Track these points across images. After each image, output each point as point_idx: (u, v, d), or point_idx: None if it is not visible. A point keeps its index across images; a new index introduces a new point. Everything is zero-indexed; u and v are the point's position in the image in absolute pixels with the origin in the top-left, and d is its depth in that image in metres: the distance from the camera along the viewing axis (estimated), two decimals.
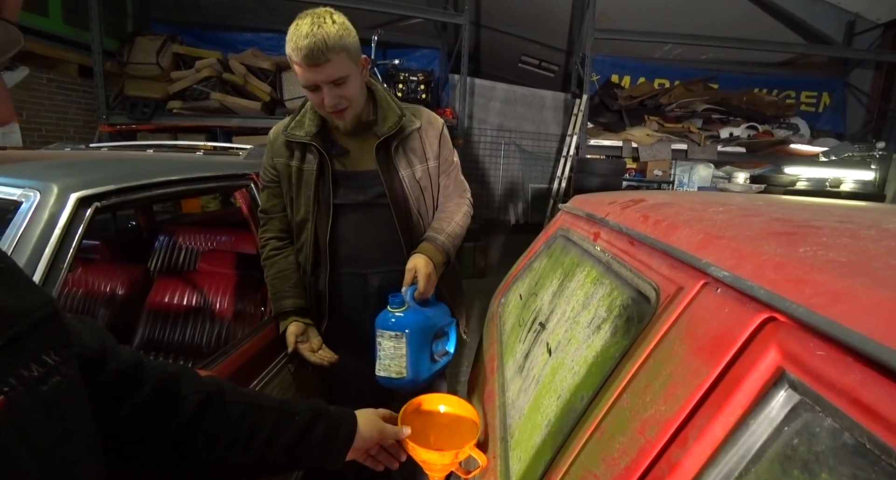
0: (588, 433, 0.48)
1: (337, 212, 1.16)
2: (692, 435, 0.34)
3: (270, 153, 1.20)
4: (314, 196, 1.14)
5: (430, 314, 1.05)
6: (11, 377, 0.33)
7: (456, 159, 1.28)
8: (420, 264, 1.06)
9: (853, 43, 4.99)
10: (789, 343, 0.31)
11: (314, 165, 1.13)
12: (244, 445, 0.58)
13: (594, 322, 0.66)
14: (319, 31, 0.96)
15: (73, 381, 0.38)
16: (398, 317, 0.99)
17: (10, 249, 0.82)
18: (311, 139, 1.11)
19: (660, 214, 0.64)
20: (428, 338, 1.03)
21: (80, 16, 4.00)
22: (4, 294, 0.35)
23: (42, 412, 0.34)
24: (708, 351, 0.37)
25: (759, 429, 0.31)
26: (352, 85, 1.05)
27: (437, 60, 5.37)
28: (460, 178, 1.29)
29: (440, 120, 1.24)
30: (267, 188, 1.23)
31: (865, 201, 1.02)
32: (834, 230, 0.41)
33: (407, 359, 0.98)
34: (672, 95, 4.95)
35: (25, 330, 0.35)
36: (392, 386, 1.02)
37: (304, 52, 0.96)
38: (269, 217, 1.24)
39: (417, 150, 1.18)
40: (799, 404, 0.29)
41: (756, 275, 0.37)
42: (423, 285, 1.04)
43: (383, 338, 0.99)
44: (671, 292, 0.49)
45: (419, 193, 1.19)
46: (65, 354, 0.38)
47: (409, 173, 1.16)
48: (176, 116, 4.10)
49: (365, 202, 1.17)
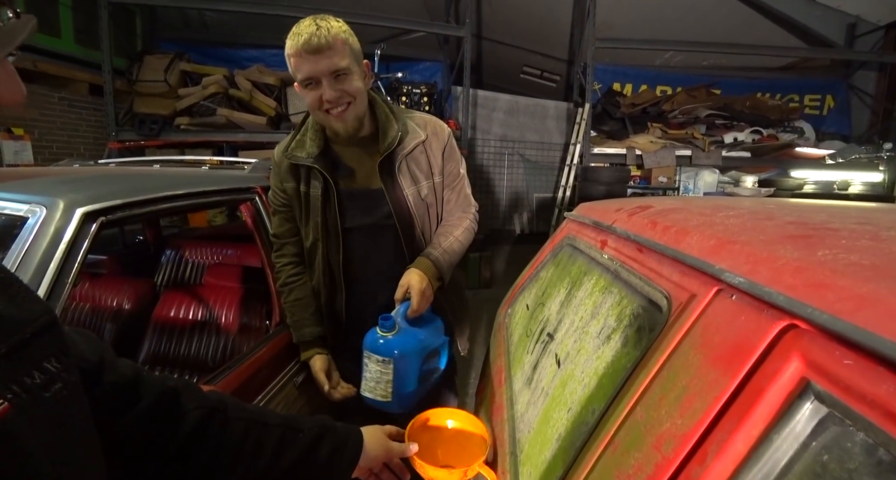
0: (601, 448, 0.46)
1: (346, 236, 1.12)
2: (712, 451, 0.33)
3: (279, 177, 1.15)
4: (322, 222, 1.10)
5: (422, 337, 0.99)
6: (14, 383, 0.33)
7: (462, 171, 1.21)
8: (414, 280, 1.01)
9: (855, 45, 4.99)
10: (813, 352, 0.29)
11: (319, 189, 1.08)
12: (248, 462, 0.57)
13: (604, 332, 0.64)
14: (321, 23, 0.94)
15: (75, 388, 0.39)
16: (387, 340, 0.93)
17: (15, 263, 0.82)
18: (314, 162, 1.07)
19: (668, 219, 0.62)
20: (417, 362, 0.97)
21: (90, 36, 4.12)
22: (5, 303, 0.36)
23: (45, 418, 0.35)
24: (725, 361, 0.36)
25: (785, 444, 0.29)
26: (353, 80, 0.99)
27: (439, 73, 5.44)
28: (466, 192, 1.22)
29: (447, 129, 1.18)
30: (278, 213, 1.19)
31: (877, 203, 1.00)
32: (853, 232, 0.40)
33: (392, 384, 0.93)
34: (675, 101, 4.96)
35: (28, 338, 0.36)
36: (375, 406, 0.97)
37: (304, 38, 0.92)
38: (282, 242, 1.21)
39: (423, 165, 1.13)
40: (827, 417, 0.28)
41: (773, 280, 0.35)
42: (416, 302, 0.99)
43: (370, 360, 0.94)
44: (683, 300, 0.47)
45: (424, 210, 1.14)
46: (66, 361, 0.38)
47: (413, 192, 1.12)
48: (183, 131, 4.17)
49: (372, 224, 1.13)
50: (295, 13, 4.04)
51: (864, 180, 4.60)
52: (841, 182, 4.60)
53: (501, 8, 5.21)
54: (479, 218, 1.24)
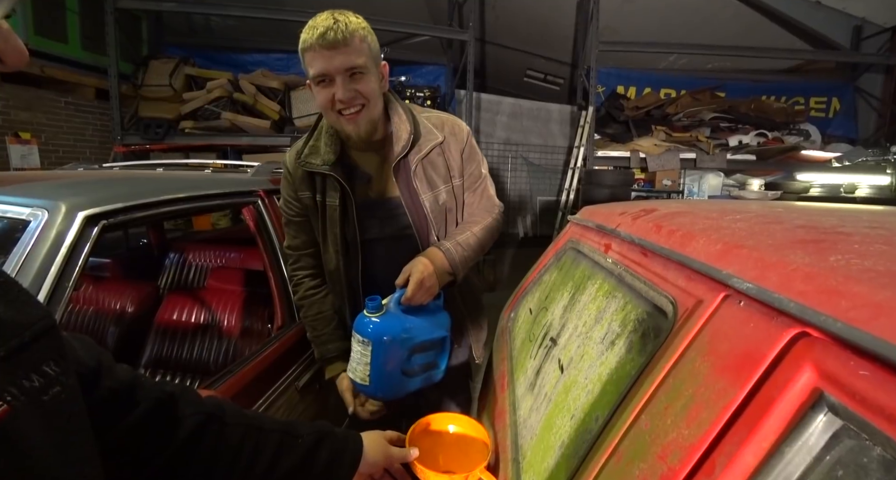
0: (604, 457, 0.45)
1: (365, 248, 1.07)
2: (720, 463, 0.31)
3: (293, 187, 1.09)
4: (340, 235, 1.05)
5: (409, 325, 0.94)
6: (13, 387, 0.34)
7: (484, 171, 1.15)
8: (417, 267, 0.94)
9: (861, 47, 4.95)
10: (826, 362, 0.28)
11: (336, 199, 1.03)
12: (245, 468, 0.56)
13: (608, 338, 0.63)
14: (340, 17, 0.89)
15: (73, 391, 0.39)
16: (369, 321, 0.90)
17: (16, 267, 0.82)
18: (331, 170, 1.00)
19: (674, 223, 0.61)
20: (400, 350, 0.93)
21: (97, 42, 4.16)
22: (4, 307, 0.36)
23: (43, 421, 0.35)
24: (734, 370, 0.35)
25: (797, 458, 0.28)
26: (369, 81, 0.94)
27: (442, 76, 5.45)
28: (489, 193, 1.16)
29: (465, 128, 1.12)
30: (292, 223, 1.13)
31: (886, 206, 0.99)
32: (866, 237, 0.39)
33: (370, 368, 0.91)
34: (679, 104, 4.94)
35: (26, 342, 0.36)
36: (361, 391, 0.96)
37: (320, 31, 0.87)
38: (299, 254, 1.16)
39: (440, 169, 1.07)
40: (841, 430, 0.26)
41: (784, 286, 0.34)
42: (410, 289, 0.92)
43: (354, 340, 0.92)
44: (689, 306, 0.46)
45: (442, 218, 1.09)
46: (64, 365, 0.38)
47: (431, 198, 1.06)
48: (188, 135, 4.20)
49: (391, 236, 1.08)
50: (299, 18, 4.07)
51: (872, 183, 4.55)
52: (848, 185, 4.55)
53: (505, 12, 5.23)
54: (501, 219, 1.16)
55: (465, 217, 1.14)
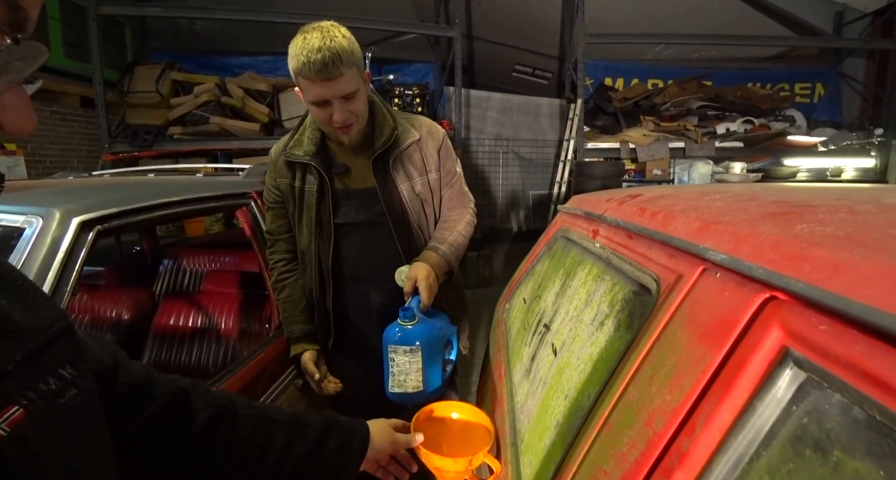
0: (596, 430, 0.47)
1: (338, 233, 1.14)
2: (700, 423, 0.33)
3: (274, 174, 1.18)
4: (315, 218, 1.12)
5: (439, 325, 1.02)
6: (30, 390, 0.34)
7: (458, 170, 1.25)
8: (421, 274, 1.02)
9: (843, 33, 5.02)
10: (791, 321, 0.30)
11: (314, 186, 1.11)
12: (257, 458, 0.58)
13: (597, 319, 0.65)
14: (332, 45, 0.93)
15: (90, 394, 0.39)
16: (410, 330, 0.95)
17: None
18: (311, 159, 1.09)
19: (656, 205, 0.63)
20: (439, 349, 1.00)
21: (80, 49, 4.12)
22: (21, 310, 0.36)
23: (60, 424, 0.35)
24: (711, 337, 0.37)
25: (767, 411, 0.30)
26: (360, 99, 1.03)
27: (431, 74, 5.45)
28: (464, 189, 1.26)
29: (441, 130, 1.22)
30: (271, 209, 1.22)
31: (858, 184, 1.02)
32: (831, 208, 0.41)
33: (423, 372, 0.95)
34: (666, 94, 4.98)
35: (42, 345, 0.36)
36: (405, 402, 0.98)
37: (319, 67, 0.92)
38: (275, 239, 1.23)
39: (417, 162, 1.15)
40: (806, 382, 0.28)
41: (754, 256, 0.36)
42: (425, 296, 1.00)
43: (397, 353, 0.95)
44: (671, 282, 0.48)
45: (419, 206, 1.16)
46: (80, 367, 0.39)
47: (407, 187, 1.14)
48: (177, 141, 4.17)
49: (365, 221, 1.15)
50: (285, 19, 4.05)
51: (857, 166, 4.62)
52: (834, 169, 4.62)
53: (491, 7, 5.24)
54: (477, 212, 1.29)
55: (444, 210, 1.23)
